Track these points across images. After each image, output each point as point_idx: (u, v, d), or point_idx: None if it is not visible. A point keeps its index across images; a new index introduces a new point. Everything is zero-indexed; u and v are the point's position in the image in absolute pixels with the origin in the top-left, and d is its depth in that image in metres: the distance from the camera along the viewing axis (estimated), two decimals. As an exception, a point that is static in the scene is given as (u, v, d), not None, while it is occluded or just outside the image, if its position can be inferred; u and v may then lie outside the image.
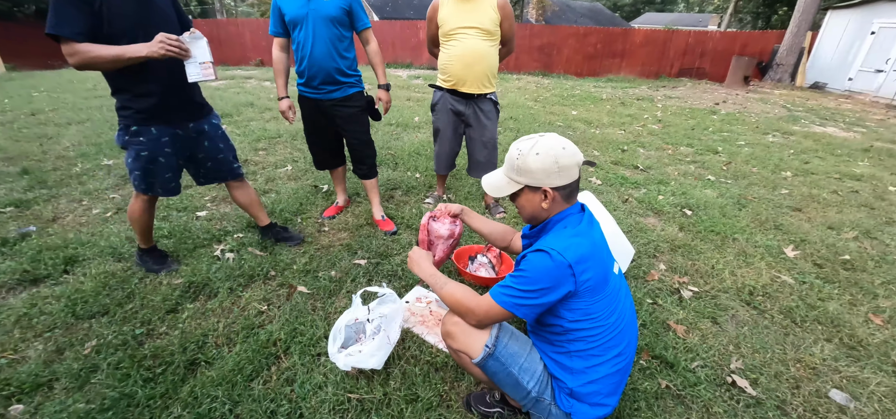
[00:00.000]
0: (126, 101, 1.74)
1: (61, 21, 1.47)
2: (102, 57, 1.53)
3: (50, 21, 1.47)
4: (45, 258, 2.21)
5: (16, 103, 6.55)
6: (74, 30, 1.48)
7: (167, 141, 1.84)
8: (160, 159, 1.84)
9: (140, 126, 1.77)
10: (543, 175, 1.19)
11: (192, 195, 3.05)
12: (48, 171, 3.50)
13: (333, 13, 2.13)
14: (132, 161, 1.82)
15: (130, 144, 1.79)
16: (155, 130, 1.79)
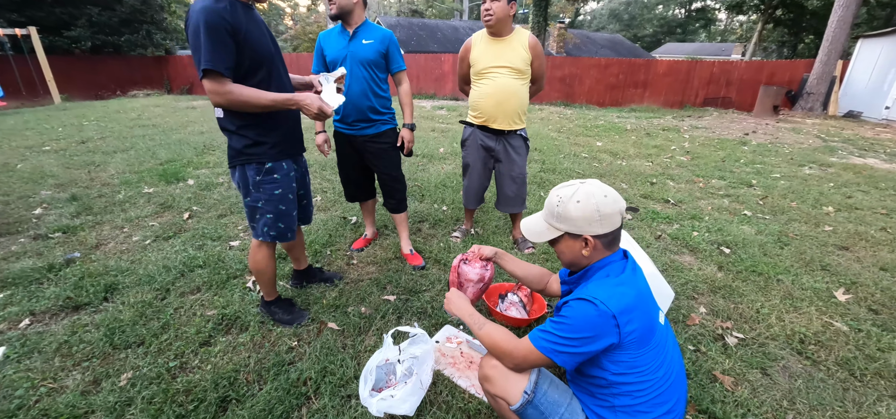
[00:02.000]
0: (258, 136, 1.63)
1: (217, 56, 1.42)
2: (256, 101, 1.49)
3: (205, 56, 1.40)
4: (86, 285, 2.29)
5: (68, 131, 7.00)
6: (227, 64, 1.44)
7: (294, 176, 1.77)
8: (290, 197, 1.75)
9: (274, 162, 1.67)
10: (584, 223, 1.17)
11: (227, 225, 3.14)
12: (94, 198, 3.68)
13: (371, 56, 2.23)
14: (263, 204, 1.70)
15: (263, 185, 1.68)
16: (286, 165, 1.72)
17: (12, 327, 2.01)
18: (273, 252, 1.89)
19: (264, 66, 1.60)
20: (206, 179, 4.21)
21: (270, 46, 1.64)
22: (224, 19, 1.43)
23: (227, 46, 1.44)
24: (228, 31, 1.44)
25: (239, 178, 1.73)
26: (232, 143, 1.68)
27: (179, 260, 2.55)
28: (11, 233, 3.05)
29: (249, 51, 1.53)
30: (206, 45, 1.41)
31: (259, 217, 1.77)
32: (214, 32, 1.41)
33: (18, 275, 2.41)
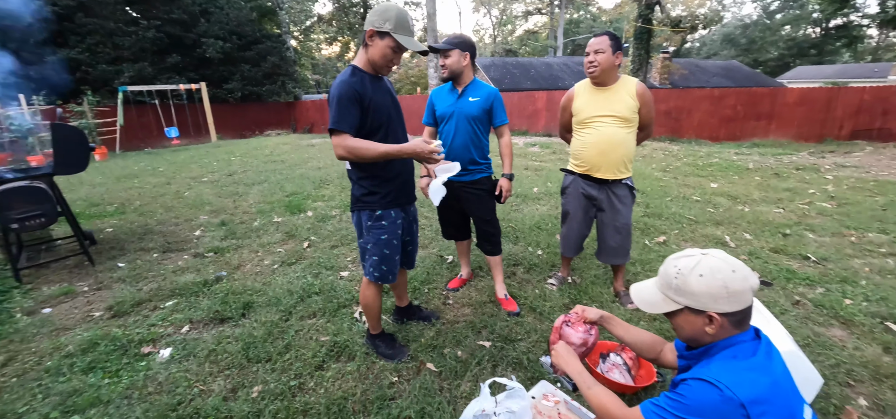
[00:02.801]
0: (374, 186, 1.86)
1: (343, 118, 1.69)
2: (372, 152, 1.70)
3: (333, 117, 1.70)
4: (230, 301, 2.72)
5: (220, 165, 8.52)
6: (351, 124, 1.70)
7: (400, 223, 1.95)
8: (395, 242, 1.93)
9: (384, 210, 1.87)
10: (709, 299, 1.07)
11: (338, 255, 3.49)
12: (237, 224, 4.40)
13: (476, 113, 2.40)
14: (372, 246, 1.90)
15: (373, 229, 1.88)
16: (394, 213, 1.91)
17: (176, 331, 2.48)
18: (380, 290, 2.07)
19: (384, 125, 1.84)
20: (322, 212, 4.75)
21: (391, 108, 1.88)
22: (354, 90, 1.73)
23: (352, 111, 1.73)
24: (356, 100, 1.73)
25: (356, 220, 1.98)
26: (353, 191, 1.94)
27: (300, 285, 2.90)
28: (179, 250, 3.79)
29: (373, 114, 1.79)
30: (337, 109, 1.72)
31: (367, 257, 1.98)
32: (345, 100, 1.72)
33: (183, 287, 2.97)
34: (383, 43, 1.72)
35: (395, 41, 1.71)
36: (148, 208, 5.31)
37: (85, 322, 2.61)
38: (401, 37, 1.71)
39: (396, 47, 1.73)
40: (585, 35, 37.15)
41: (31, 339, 2.44)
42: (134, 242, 4.00)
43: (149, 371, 2.09)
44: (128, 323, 2.57)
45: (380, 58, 1.75)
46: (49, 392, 1.96)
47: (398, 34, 1.70)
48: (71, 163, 3.22)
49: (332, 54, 34.65)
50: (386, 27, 1.69)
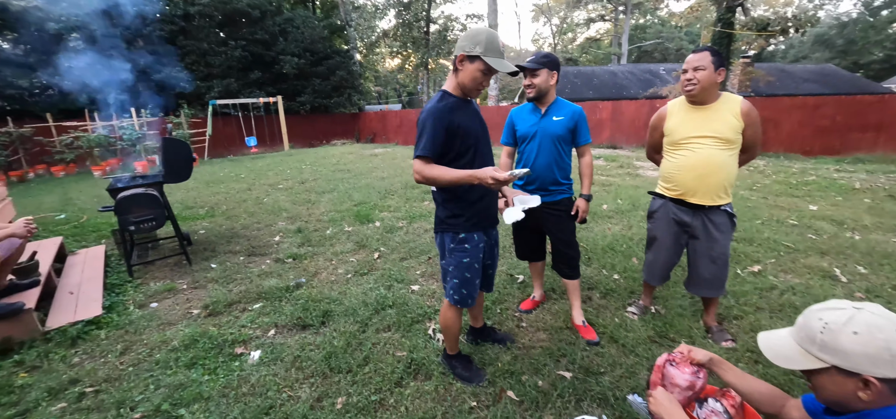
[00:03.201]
0: (458, 209, 1.86)
1: (426, 145, 1.72)
2: (444, 179, 1.71)
3: (421, 145, 1.73)
4: (310, 309, 2.85)
5: (293, 173, 9.11)
6: (434, 151, 1.73)
7: (482, 247, 1.93)
8: (476, 266, 1.91)
9: (467, 233, 1.87)
10: (866, 361, 0.92)
11: (408, 268, 3.55)
12: (312, 232, 4.65)
13: (561, 133, 2.36)
14: (454, 268, 1.90)
15: (455, 252, 1.89)
16: (476, 237, 1.89)
17: (264, 334, 2.64)
18: (460, 313, 2.05)
19: (472, 148, 1.84)
20: (390, 222, 4.88)
21: (479, 131, 1.88)
22: (444, 116, 1.76)
23: (438, 138, 1.75)
24: (445, 126, 1.75)
25: (439, 242, 1.98)
26: (438, 212, 1.94)
27: (374, 297, 2.98)
28: (262, 255, 4.07)
29: (462, 138, 1.80)
30: (424, 135, 1.75)
31: (448, 279, 1.97)
32: (434, 126, 1.74)
33: (267, 291, 3.17)
34: (473, 66, 1.72)
35: (486, 64, 1.70)
36: (233, 212, 5.79)
37: (185, 319, 2.88)
38: (491, 59, 1.69)
39: (487, 70, 1.73)
40: (653, 41, 35.15)
41: (142, 331, 2.72)
42: (223, 245, 4.37)
43: (242, 372, 2.24)
44: (221, 322, 2.79)
45: (470, 81, 1.76)
46: (159, 383, 2.17)
47: (489, 57, 1.69)
48: (178, 173, 3.59)
49: (392, 67, 35.98)
50: (476, 51, 1.69)
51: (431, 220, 4.92)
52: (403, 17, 23.06)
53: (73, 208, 6.70)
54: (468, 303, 1.97)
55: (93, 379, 2.23)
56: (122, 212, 3.29)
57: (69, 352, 2.50)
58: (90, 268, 3.67)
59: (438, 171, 1.74)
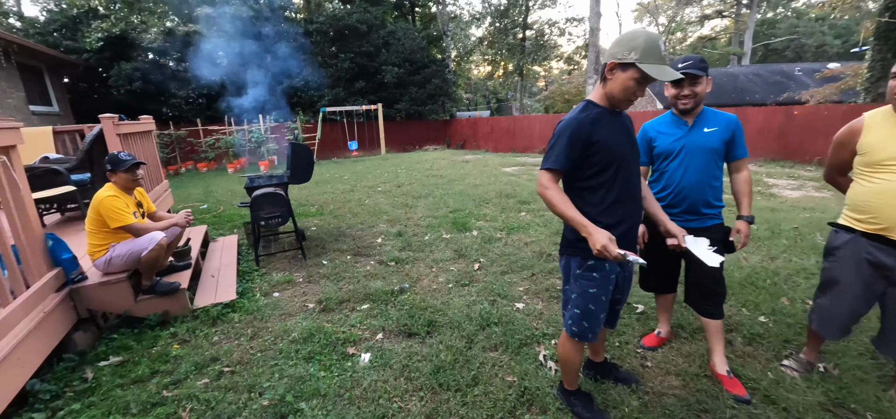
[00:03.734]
0: None
1: (555, 156, 1.57)
2: (558, 208, 1.56)
3: (552, 157, 1.58)
4: (416, 316, 2.85)
5: (390, 176, 9.55)
6: (562, 164, 1.57)
7: (613, 278, 1.70)
8: (603, 298, 1.70)
9: (598, 260, 1.65)
10: None
11: (510, 283, 3.40)
12: (411, 237, 4.75)
13: (715, 145, 2.02)
14: (577, 297, 1.71)
15: (581, 280, 1.69)
16: (608, 266, 1.67)
17: (372, 337, 2.69)
18: (581, 347, 1.84)
19: (615, 164, 1.61)
20: (487, 232, 4.78)
21: (625, 147, 1.65)
22: (583, 128, 1.57)
23: (570, 151, 1.57)
24: (581, 139, 1.57)
25: (563, 265, 1.79)
26: (565, 233, 1.75)
27: (478, 312, 2.88)
28: (366, 256, 4.24)
29: (602, 152, 1.59)
30: (558, 147, 1.58)
31: (569, 308, 1.77)
32: (568, 138, 1.57)
33: (374, 294, 3.26)
34: (625, 75, 1.51)
35: (641, 72, 1.48)
36: (339, 212, 6.21)
37: (303, 312, 3.08)
38: (648, 66, 1.46)
39: (641, 79, 1.50)
40: (785, 38, 30.13)
41: (267, 319, 2.97)
42: (331, 242, 4.67)
43: (354, 373, 2.29)
44: (334, 319, 2.92)
45: (620, 91, 1.55)
46: (282, 373, 2.31)
47: (645, 64, 1.46)
48: (301, 175, 3.91)
49: (482, 74, 36.22)
50: (630, 57, 1.47)
51: (530, 233, 4.71)
52: (500, 23, 23.02)
53: (212, 199, 7.81)
54: (588, 337, 1.75)
55: (229, 359, 2.47)
56: (255, 208, 3.67)
57: (210, 330, 2.81)
58: (227, 255, 4.17)
59: (557, 196, 1.58)
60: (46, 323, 2.35)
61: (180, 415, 2.01)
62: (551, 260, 3.89)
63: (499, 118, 18.06)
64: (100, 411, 2.05)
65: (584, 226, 1.51)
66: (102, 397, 2.16)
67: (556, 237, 4.53)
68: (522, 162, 11.89)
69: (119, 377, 2.32)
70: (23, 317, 2.19)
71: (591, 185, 1.61)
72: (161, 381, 2.28)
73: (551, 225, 4.97)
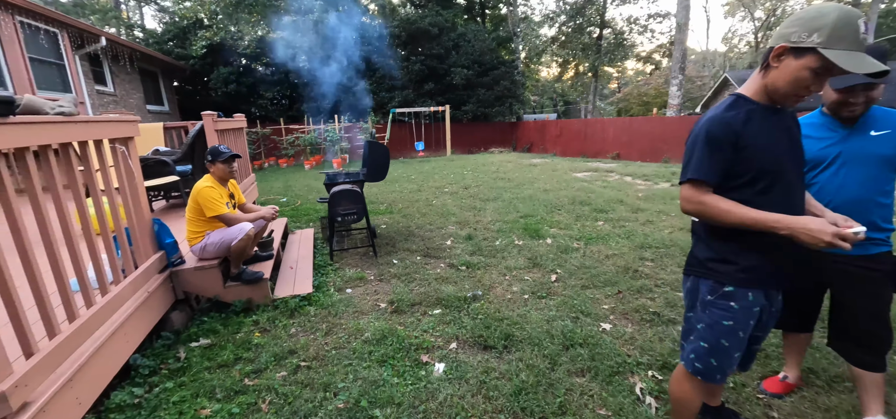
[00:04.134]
0: (733, 253, 1.37)
1: (702, 165, 1.30)
2: (735, 217, 1.26)
3: (693, 165, 1.31)
4: (491, 327, 2.68)
5: (456, 177, 9.48)
6: (713, 174, 1.30)
7: (756, 313, 1.39)
8: (740, 334, 1.39)
9: (737, 288, 1.37)
10: None
11: (592, 299, 3.09)
12: (481, 241, 4.58)
13: (886, 152, 1.61)
14: (704, 328, 1.43)
15: (713, 308, 1.41)
16: (752, 296, 1.36)
17: (446, 345, 2.56)
18: (701, 387, 1.53)
19: (769, 174, 1.29)
20: (562, 241, 4.46)
21: (785, 154, 1.32)
22: (730, 129, 1.28)
23: (717, 158, 1.29)
24: (728, 142, 1.28)
25: (690, 287, 1.51)
26: (695, 250, 1.47)
27: (559, 329, 2.63)
28: (436, 258, 4.15)
29: (753, 158, 1.28)
30: (699, 154, 1.31)
31: (693, 339, 1.48)
32: (713, 141, 1.30)
33: (446, 299, 3.14)
34: (800, 63, 1.17)
35: (823, 61, 1.12)
36: (408, 211, 6.22)
37: (375, 311, 3.04)
38: (837, 53, 1.11)
39: (821, 69, 1.14)
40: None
41: (340, 315, 2.97)
42: (401, 242, 4.65)
43: (429, 384, 2.17)
44: (406, 322, 2.84)
45: (788, 83, 1.21)
46: (356, 375, 2.26)
47: (833, 49, 1.11)
48: (377, 174, 3.92)
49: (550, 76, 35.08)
50: (811, 40, 1.13)
51: (611, 245, 4.31)
52: (574, 22, 22.08)
53: (291, 193, 8.28)
54: (715, 378, 1.44)
55: (305, 354, 2.48)
56: (333, 204, 3.74)
57: (289, 322, 2.87)
58: (303, 248, 4.32)
59: (721, 203, 1.28)
60: (150, 301, 2.53)
61: (260, 407, 2.03)
62: (639, 276, 3.50)
63: (568, 121, 17.30)
64: (189, 392, 2.14)
65: (778, 222, 1.21)
66: (192, 378, 2.26)
67: (642, 251, 4.09)
68: (595, 167, 11.21)
69: (207, 359, 2.43)
70: (131, 294, 2.37)
71: (736, 200, 1.30)
72: (243, 369, 2.34)
73: (634, 237, 4.52)
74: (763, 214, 1.23)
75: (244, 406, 2.03)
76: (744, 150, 1.27)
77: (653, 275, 3.50)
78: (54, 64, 8.11)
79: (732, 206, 1.26)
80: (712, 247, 1.41)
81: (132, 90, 11.14)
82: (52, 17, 7.93)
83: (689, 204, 1.34)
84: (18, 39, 7.06)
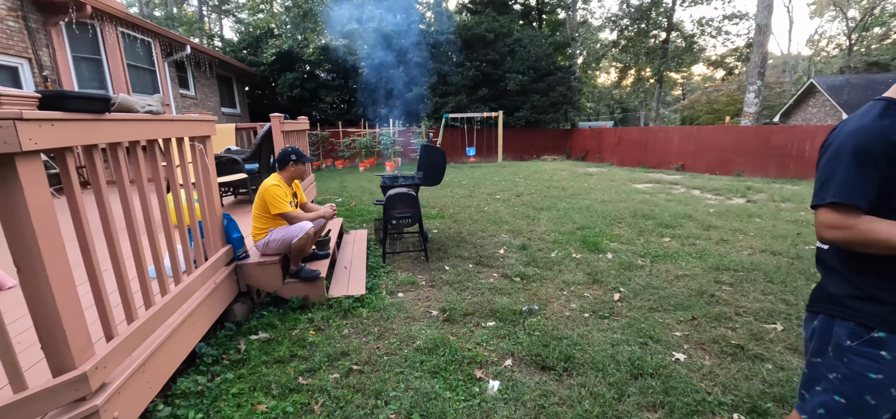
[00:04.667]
0: (880, 290, 1.14)
1: (852, 186, 1.08)
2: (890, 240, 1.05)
3: (837, 187, 1.09)
4: (549, 346, 2.51)
5: (508, 184, 9.29)
6: (866, 201, 1.08)
7: None
8: (892, 391, 1.13)
9: (890, 334, 1.13)
10: None
11: (661, 325, 2.81)
12: (536, 252, 4.39)
13: None
14: (841, 380, 1.18)
15: (855, 357, 1.16)
16: None
17: (500, 361, 2.43)
18: None
19: None
20: (624, 257, 4.16)
21: None
22: (888, 141, 1.04)
23: (872, 176, 1.06)
24: (886, 156, 1.04)
25: (818, 329, 1.23)
26: (827, 285, 1.21)
27: (625, 355, 2.41)
28: (489, 266, 4.03)
29: None
30: (846, 173, 1.07)
31: (821, 392, 1.21)
32: (866, 159, 1.06)
33: (500, 311, 3.01)
34: None
35: None
36: (459, 216, 6.15)
37: (426, 317, 2.98)
38: None
39: None
40: None
41: (392, 320, 2.94)
42: (452, 248, 4.58)
43: (483, 402, 2.06)
44: (459, 333, 2.75)
45: None
46: (408, 384, 2.20)
47: None
48: (433, 178, 3.88)
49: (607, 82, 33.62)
50: None
51: (681, 264, 3.94)
52: (638, 25, 20.99)
53: (346, 194, 8.54)
54: None
55: (358, 357, 2.46)
56: (388, 208, 3.75)
57: (342, 322, 2.89)
58: (357, 249, 4.38)
59: (886, 227, 1.04)
60: (217, 292, 2.65)
61: (313, 408, 2.03)
62: (715, 302, 3.14)
63: (627, 129, 16.43)
64: (247, 385, 2.19)
65: None
66: (251, 371, 2.32)
67: (718, 273, 3.69)
68: (657, 179, 10.50)
69: (264, 354, 2.49)
70: (201, 285, 2.49)
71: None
72: (298, 366, 2.37)
73: (708, 257, 4.10)
74: None
75: (298, 405, 2.04)
76: None
77: (732, 302, 3.13)
78: (147, 69, 9.03)
79: (889, 227, 1.03)
80: (853, 282, 1.15)
81: (210, 94, 12.14)
82: (148, 28, 8.83)
83: (832, 231, 1.11)
84: (119, 47, 7.93)
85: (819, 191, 1.13)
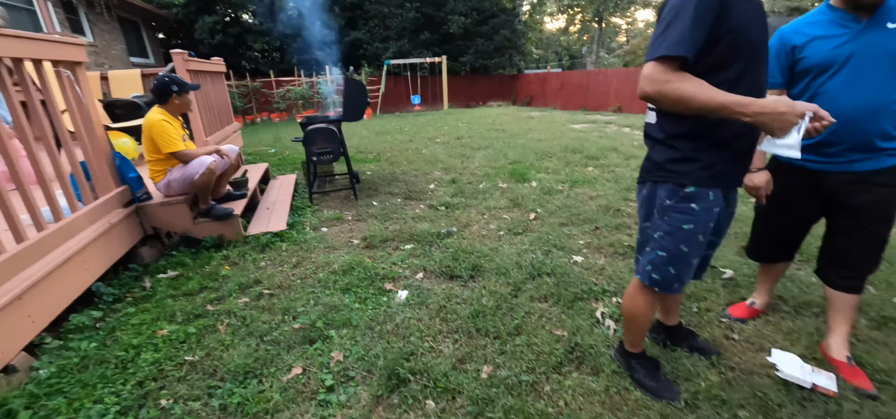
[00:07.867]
0: (694, 151, 1.25)
1: (684, 38, 1.09)
2: (700, 101, 1.09)
3: (673, 38, 1.10)
4: (460, 259, 2.64)
5: (450, 129, 9.28)
6: (687, 48, 1.10)
7: (717, 213, 1.30)
8: (701, 238, 1.30)
9: (699, 188, 1.26)
10: None
11: (568, 235, 3.04)
12: (465, 184, 4.50)
13: None
14: (663, 236, 1.33)
15: (673, 213, 1.30)
16: (712, 196, 1.27)
17: (412, 276, 2.54)
18: (656, 300, 1.48)
19: (743, 59, 1.15)
20: (547, 184, 4.38)
21: (760, 34, 1.18)
22: None
23: (704, 28, 1.10)
24: (715, 11, 1.09)
25: (646, 194, 1.39)
26: (652, 155, 1.35)
27: (529, 260, 2.60)
28: (417, 200, 4.09)
29: (734, 36, 1.12)
30: (682, 24, 1.10)
31: (649, 249, 1.39)
32: (701, 9, 1.09)
33: (419, 234, 3.10)
34: None
35: None
36: (395, 159, 6.11)
37: (347, 246, 3.01)
38: None
39: None
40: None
41: (312, 250, 2.95)
42: (384, 186, 4.58)
43: (388, 309, 2.16)
44: (376, 256, 2.81)
45: None
46: (318, 301, 2.25)
47: None
48: (354, 112, 3.79)
49: (555, 29, 33.71)
50: None
51: (597, 187, 4.22)
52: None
53: (279, 144, 8.15)
54: (672, 288, 1.37)
55: (270, 283, 2.47)
56: (308, 143, 3.64)
57: (259, 256, 2.85)
58: (283, 192, 4.26)
59: (692, 84, 1.10)
60: (112, 233, 2.49)
61: (217, 328, 2.03)
62: (620, 215, 3.43)
63: (570, 72, 16.78)
64: (150, 316, 2.13)
65: (748, 105, 1.06)
66: (155, 305, 2.26)
67: (628, 193, 4.00)
68: (593, 120, 10.94)
69: (172, 289, 2.42)
70: (87, 224, 2.33)
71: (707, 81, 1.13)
72: (207, 297, 2.33)
73: (622, 180, 4.42)
74: (731, 96, 1.08)
75: (201, 327, 2.03)
76: (729, 20, 1.10)
77: (634, 214, 3.43)
78: (23, 8, 7.75)
79: (699, 87, 1.10)
80: (673, 148, 1.28)
81: (113, 41, 10.76)
82: (21, -43, 7.51)
83: (650, 84, 1.15)
84: (-14, -20, 6.72)
85: (652, 47, 1.16)
